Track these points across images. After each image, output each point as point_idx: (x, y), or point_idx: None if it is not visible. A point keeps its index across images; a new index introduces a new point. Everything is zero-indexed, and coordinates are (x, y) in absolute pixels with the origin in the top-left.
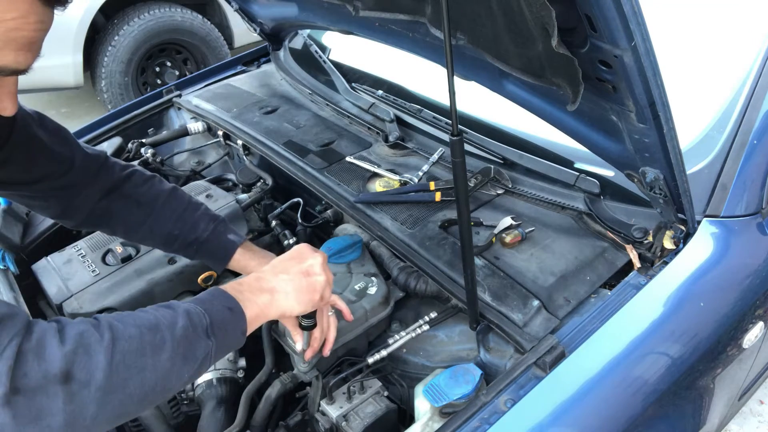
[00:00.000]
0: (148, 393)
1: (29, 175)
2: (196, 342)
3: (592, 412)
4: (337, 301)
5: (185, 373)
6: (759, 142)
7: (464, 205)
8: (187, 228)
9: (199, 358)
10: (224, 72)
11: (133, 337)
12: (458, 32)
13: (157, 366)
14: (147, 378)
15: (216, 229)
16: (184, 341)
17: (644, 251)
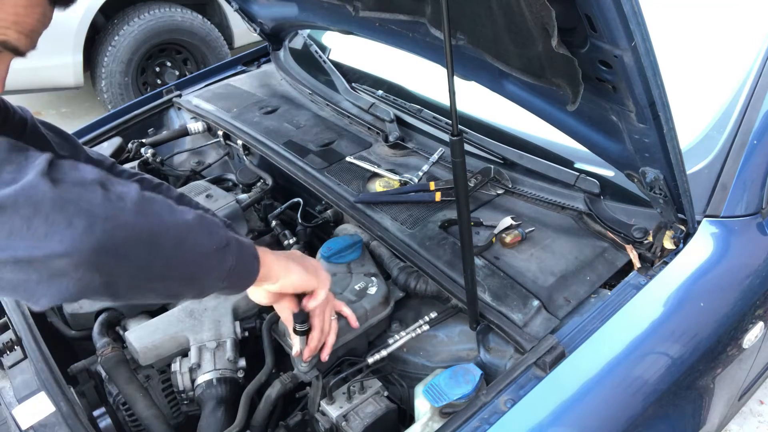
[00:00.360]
0: (182, 236)
1: None
2: (214, 225)
3: (592, 412)
4: (343, 308)
5: (212, 244)
6: (759, 142)
7: (464, 205)
8: None
9: (223, 240)
10: (224, 72)
11: (156, 195)
12: (458, 32)
13: (185, 219)
14: (178, 221)
15: None
16: (205, 220)
17: (644, 251)
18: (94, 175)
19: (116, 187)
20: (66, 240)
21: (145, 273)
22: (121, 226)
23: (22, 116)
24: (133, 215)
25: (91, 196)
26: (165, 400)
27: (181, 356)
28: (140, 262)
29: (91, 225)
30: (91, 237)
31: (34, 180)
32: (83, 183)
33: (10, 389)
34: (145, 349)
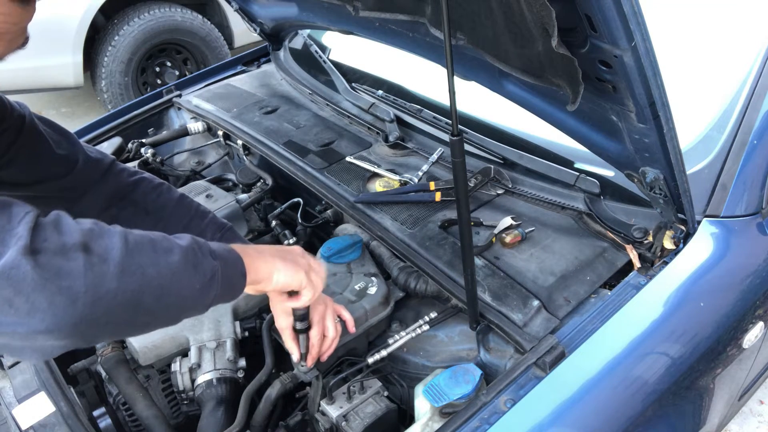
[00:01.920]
0: (164, 287)
1: (32, 175)
2: (202, 257)
3: (592, 412)
4: (343, 312)
5: (196, 282)
6: (759, 142)
7: (464, 205)
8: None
9: (208, 273)
10: (224, 72)
11: (144, 236)
12: (458, 32)
13: (170, 263)
14: (162, 271)
15: (223, 238)
16: (192, 252)
17: (644, 251)
18: (77, 235)
19: (99, 243)
20: (47, 319)
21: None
22: (103, 297)
23: (20, 113)
24: (115, 280)
25: (73, 266)
26: (165, 400)
27: (181, 356)
28: (123, 321)
29: (72, 302)
30: (73, 313)
31: (15, 259)
32: (65, 250)
33: (10, 389)
34: (145, 349)
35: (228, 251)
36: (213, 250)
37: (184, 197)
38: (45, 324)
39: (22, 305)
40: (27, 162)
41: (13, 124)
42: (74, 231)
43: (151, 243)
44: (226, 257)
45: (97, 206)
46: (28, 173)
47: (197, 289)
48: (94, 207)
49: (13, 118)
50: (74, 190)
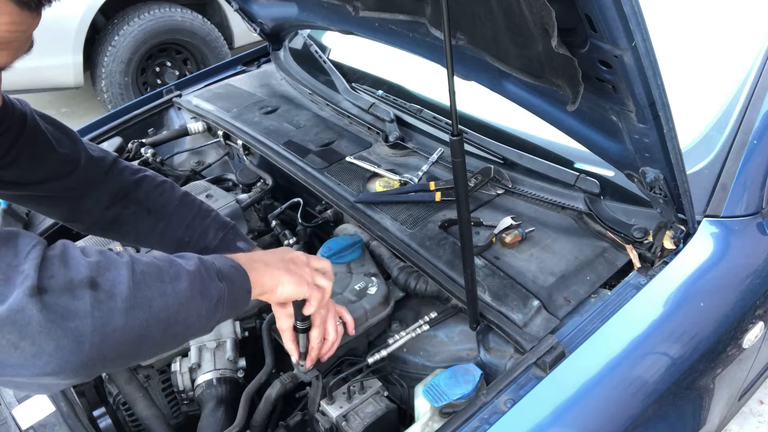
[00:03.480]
0: (171, 318)
1: (35, 174)
2: (209, 281)
3: (592, 412)
4: (344, 313)
5: (203, 309)
6: (759, 142)
7: (464, 205)
8: (197, 235)
9: (214, 297)
10: (224, 72)
11: (151, 263)
12: (458, 32)
13: (177, 292)
14: (169, 301)
15: (225, 237)
16: (199, 277)
17: (644, 251)
18: (84, 270)
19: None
20: (54, 362)
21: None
22: (110, 335)
23: (22, 111)
24: (123, 316)
25: (80, 305)
26: (165, 400)
27: (181, 356)
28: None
29: (79, 344)
30: (80, 355)
31: (21, 301)
32: (71, 287)
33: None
34: None
35: (234, 269)
36: (220, 270)
37: (187, 195)
38: (51, 367)
39: (28, 348)
40: (30, 161)
41: (14, 123)
42: (81, 265)
43: (159, 272)
44: (233, 277)
45: (100, 205)
46: (31, 173)
47: (203, 315)
48: (98, 206)
49: (14, 117)
50: (77, 189)
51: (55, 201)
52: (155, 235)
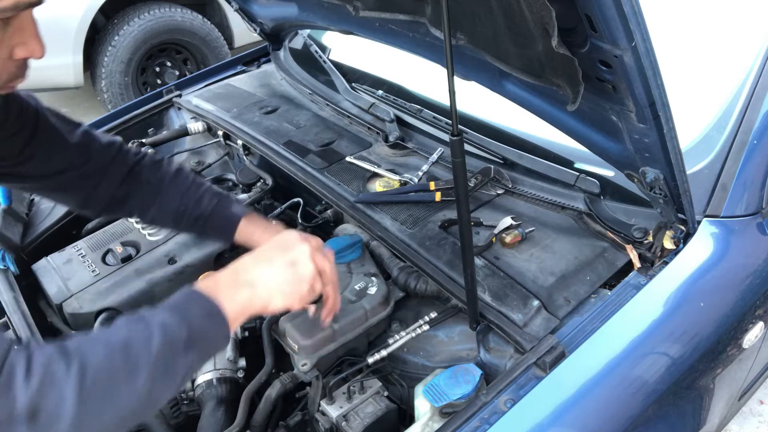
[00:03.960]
0: (127, 417)
1: (52, 167)
2: (174, 358)
3: (592, 412)
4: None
5: (167, 392)
6: (759, 142)
7: (464, 205)
8: (192, 204)
9: (180, 374)
10: (224, 72)
11: (102, 364)
12: (458, 32)
13: (133, 391)
14: (123, 405)
15: (219, 203)
16: (161, 360)
17: (644, 251)
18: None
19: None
20: None
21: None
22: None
23: (34, 106)
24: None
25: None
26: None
27: None
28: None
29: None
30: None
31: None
32: (10, 422)
33: None
34: None
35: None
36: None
37: (181, 170)
38: None
39: None
40: (45, 155)
41: (29, 120)
42: (21, 394)
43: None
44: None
45: (112, 188)
46: (47, 166)
47: (168, 395)
48: (110, 189)
49: (28, 114)
50: (92, 177)
51: (72, 190)
52: (155, 208)
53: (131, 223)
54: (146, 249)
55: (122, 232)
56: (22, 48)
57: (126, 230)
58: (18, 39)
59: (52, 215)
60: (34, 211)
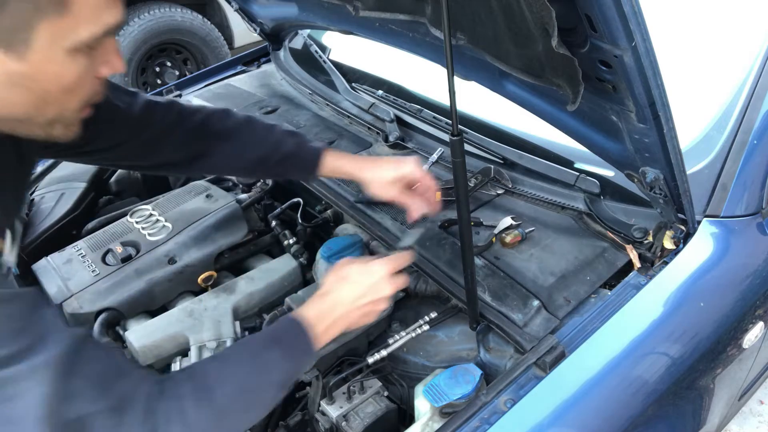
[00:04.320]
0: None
1: (114, 141)
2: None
3: (592, 412)
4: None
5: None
6: (759, 142)
7: (464, 205)
8: (272, 148)
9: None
10: (224, 72)
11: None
12: (458, 32)
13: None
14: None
15: (299, 142)
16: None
17: (644, 251)
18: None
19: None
20: None
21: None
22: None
23: None
24: None
25: None
26: None
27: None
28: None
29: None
30: None
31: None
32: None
33: None
34: (145, 349)
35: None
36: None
37: (250, 116)
38: None
39: None
40: (109, 132)
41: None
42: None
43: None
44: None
45: (179, 148)
46: (110, 141)
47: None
48: (178, 149)
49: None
50: (157, 143)
51: (138, 156)
52: (235, 160)
53: (131, 223)
54: (146, 249)
55: (122, 232)
56: (106, 66)
57: (126, 230)
58: (103, 58)
59: (52, 215)
60: (34, 211)
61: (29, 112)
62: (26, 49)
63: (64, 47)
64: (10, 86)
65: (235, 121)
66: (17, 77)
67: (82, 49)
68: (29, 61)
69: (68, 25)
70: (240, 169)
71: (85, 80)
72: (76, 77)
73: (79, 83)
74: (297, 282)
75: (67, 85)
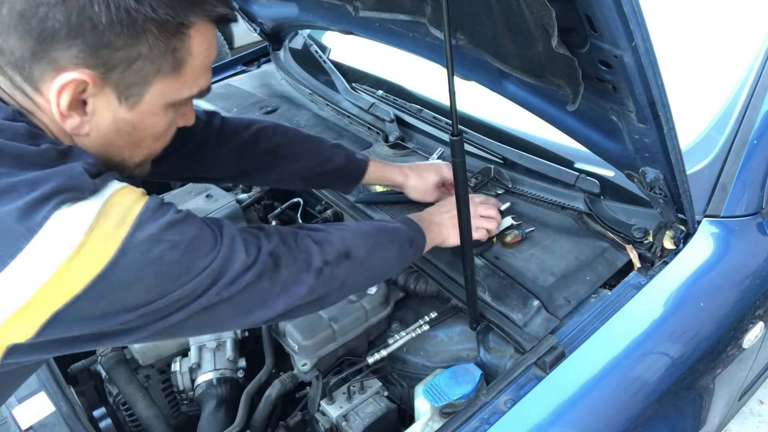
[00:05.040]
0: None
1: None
2: (407, 249)
3: (592, 412)
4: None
5: (400, 267)
6: (759, 142)
7: (464, 205)
8: (322, 162)
9: (408, 258)
10: (224, 72)
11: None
12: (458, 32)
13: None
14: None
15: (347, 154)
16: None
17: (644, 251)
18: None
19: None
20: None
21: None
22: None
23: None
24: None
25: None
26: (165, 400)
27: (181, 356)
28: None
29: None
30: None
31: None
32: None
33: None
34: (145, 349)
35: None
36: (412, 240)
37: (297, 130)
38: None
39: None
40: None
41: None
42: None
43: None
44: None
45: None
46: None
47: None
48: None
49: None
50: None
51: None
52: (285, 175)
53: None
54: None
55: None
56: (183, 119)
57: None
58: (183, 111)
59: None
60: None
61: (124, 155)
62: (138, 101)
63: (166, 102)
64: (116, 131)
65: (283, 138)
66: (123, 124)
67: (175, 105)
68: (137, 111)
69: (176, 85)
70: (289, 183)
71: (171, 130)
72: (167, 127)
73: (166, 132)
74: None
75: (158, 134)
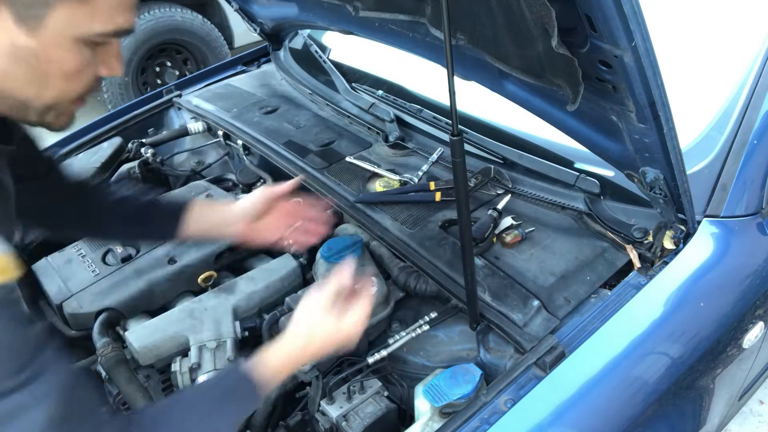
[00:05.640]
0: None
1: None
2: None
3: (592, 412)
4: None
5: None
6: (759, 142)
7: (464, 205)
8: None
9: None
10: (224, 72)
11: None
12: (458, 32)
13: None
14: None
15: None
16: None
17: (644, 251)
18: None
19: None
20: None
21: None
22: None
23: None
24: None
25: None
26: None
27: (181, 356)
28: None
29: None
30: None
31: None
32: None
33: None
34: (145, 349)
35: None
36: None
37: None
38: None
39: None
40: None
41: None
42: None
43: None
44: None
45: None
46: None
47: None
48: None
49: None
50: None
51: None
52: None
53: None
54: (146, 249)
55: None
56: (105, 67)
57: None
58: (104, 58)
59: None
60: None
61: (28, 94)
62: (38, 25)
63: (74, 35)
64: (14, 59)
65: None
66: (22, 51)
67: (89, 42)
68: (38, 38)
69: (84, 14)
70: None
71: (84, 73)
72: (78, 66)
73: (78, 73)
74: (297, 282)
75: (68, 72)
